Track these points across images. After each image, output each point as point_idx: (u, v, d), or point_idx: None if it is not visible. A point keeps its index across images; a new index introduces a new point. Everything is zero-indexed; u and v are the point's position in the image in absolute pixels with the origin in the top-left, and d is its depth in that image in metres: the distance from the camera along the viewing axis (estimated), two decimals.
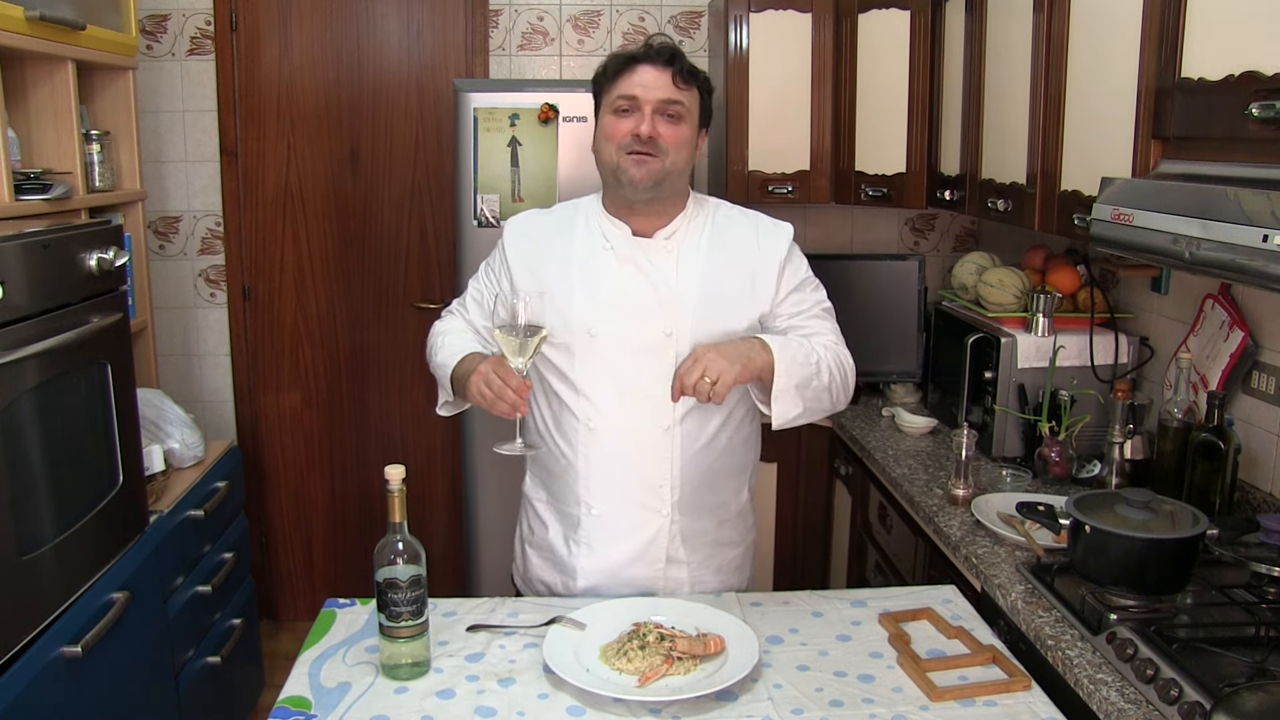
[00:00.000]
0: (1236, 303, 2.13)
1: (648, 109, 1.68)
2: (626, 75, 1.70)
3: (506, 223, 1.89)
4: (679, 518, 1.79)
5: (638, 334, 1.74)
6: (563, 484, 1.82)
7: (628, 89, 1.69)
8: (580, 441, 1.77)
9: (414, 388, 3.57)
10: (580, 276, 1.76)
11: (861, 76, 3.01)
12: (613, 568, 1.80)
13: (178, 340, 3.50)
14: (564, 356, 1.76)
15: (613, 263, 1.76)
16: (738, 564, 1.92)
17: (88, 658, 1.93)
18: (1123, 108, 1.86)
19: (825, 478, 3.06)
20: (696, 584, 1.85)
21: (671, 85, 1.69)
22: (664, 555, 1.80)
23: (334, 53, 3.37)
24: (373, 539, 1.60)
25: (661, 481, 1.77)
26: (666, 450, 1.76)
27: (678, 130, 1.70)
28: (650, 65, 1.69)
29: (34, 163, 2.40)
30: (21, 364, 1.83)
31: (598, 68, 1.77)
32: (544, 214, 1.89)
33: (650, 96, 1.68)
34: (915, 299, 3.04)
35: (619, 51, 1.75)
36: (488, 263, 1.92)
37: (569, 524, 1.83)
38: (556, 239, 1.82)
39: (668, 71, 1.68)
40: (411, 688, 1.46)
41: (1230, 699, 1.26)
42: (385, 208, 3.47)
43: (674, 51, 1.70)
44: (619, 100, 1.70)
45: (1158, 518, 1.61)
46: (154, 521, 2.36)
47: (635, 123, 1.69)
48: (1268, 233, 1.33)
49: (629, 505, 1.78)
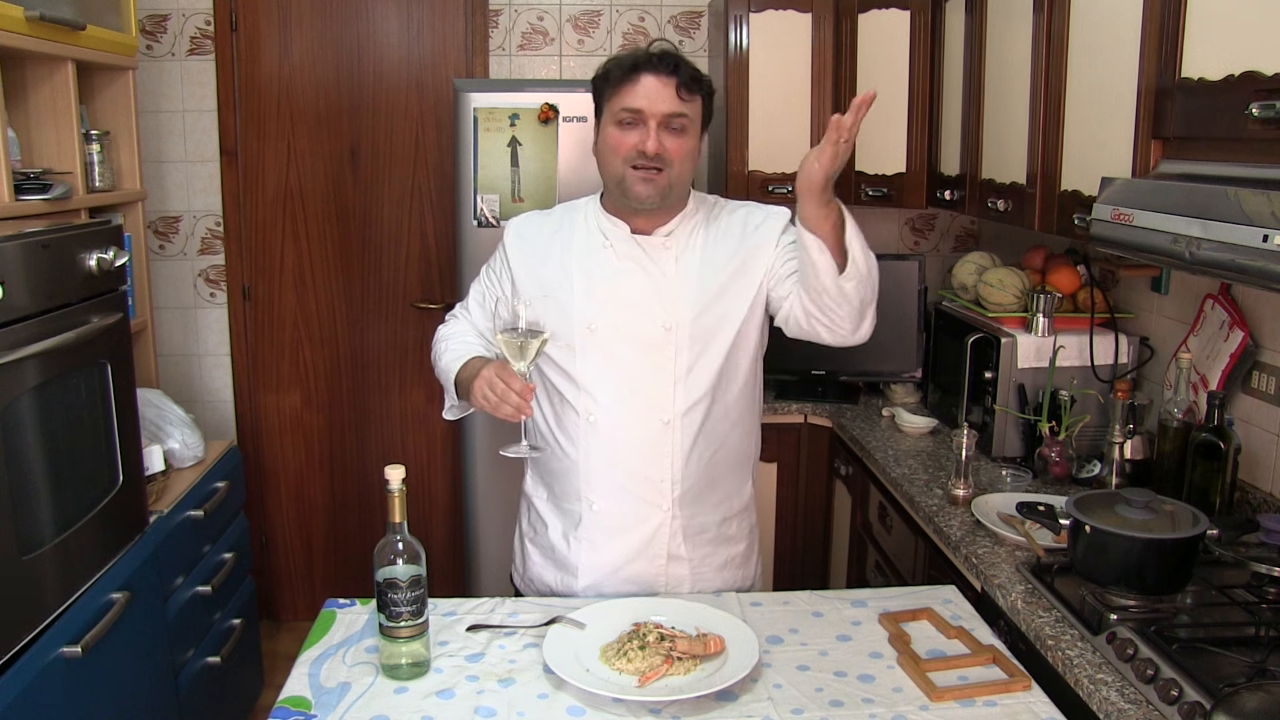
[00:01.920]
0: (1236, 303, 2.13)
1: (653, 123, 1.67)
2: (630, 85, 1.68)
3: (506, 224, 1.90)
4: (680, 513, 1.80)
5: (637, 328, 1.74)
6: (564, 480, 1.82)
7: (631, 100, 1.68)
8: (581, 437, 1.77)
9: (414, 388, 3.57)
10: (580, 274, 1.77)
11: (861, 76, 3.01)
12: (613, 564, 1.81)
13: (178, 340, 3.50)
14: (564, 353, 1.76)
15: (612, 259, 1.77)
16: (740, 561, 1.92)
17: (88, 658, 1.93)
18: (1123, 108, 1.86)
19: (825, 478, 3.06)
20: (698, 581, 1.85)
21: (675, 97, 1.67)
22: (665, 552, 1.81)
23: (334, 53, 3.37)
24: (373, 539, 1.60)
25: (662, 476, 1.77)
26: (667, 445, 1.76)
27: (682, 142, 1.70)
28: (654, 75, 1.67)
29: (34, 163, 2.40)
30: (21, 364, 1.83)
31: (599, 69, 1.76)
32: (543, 215, 1.90)
33: (655, 110, 1.67)
34: (915, 299, 3.03)
35: (621, 56, 1.73)
36: (489, 265, 1.92)
37: (570, 521, 1.83)
38: (556, 239, 1.83)
39: (672, 82, 1.67)
40: (411, 688, 1.46)
41: (1230, 699, 1.26)
42: (385, 208, 3.47)
43: (677, 60, 1.68)
44: (622, 113, 1.69)
45: (1158, 518, 1.61)
46: (154, 521, 2.36)
47: (640, 137, 1.68)
48: (1268, 233, 1.33)
49: (630, 501, 1.78)
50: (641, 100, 1.67)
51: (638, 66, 1.67)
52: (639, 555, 1.80)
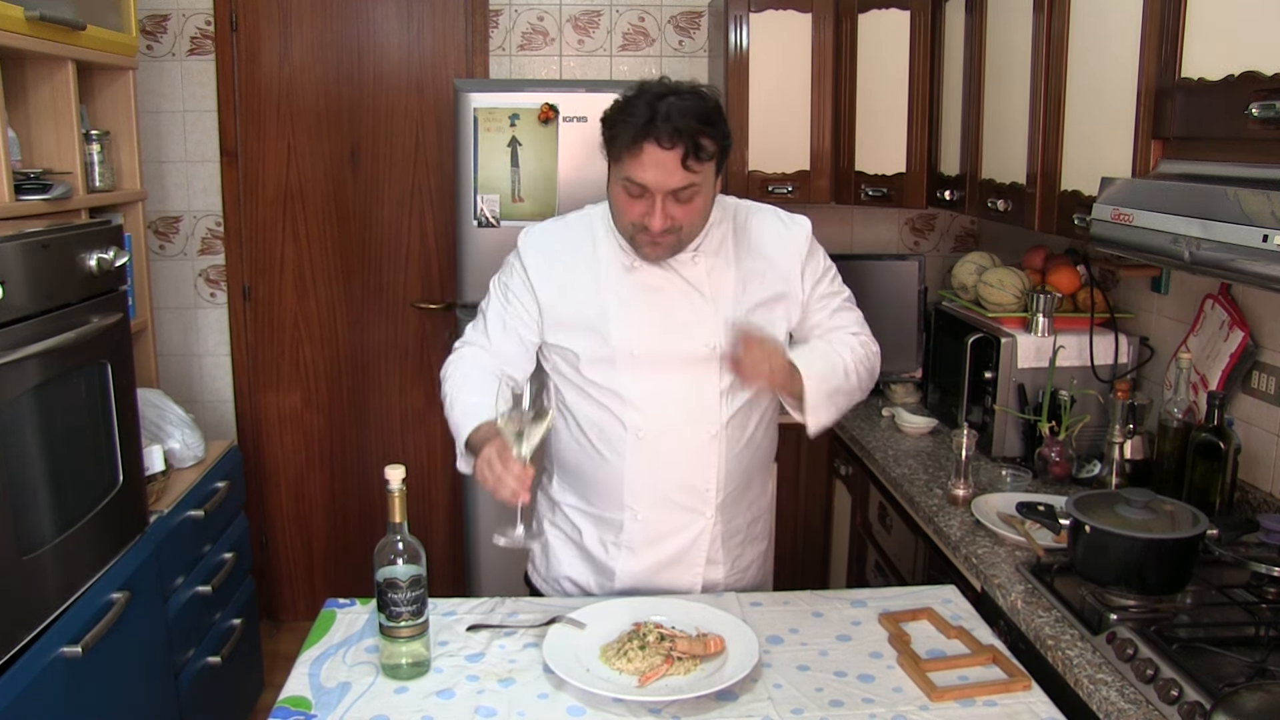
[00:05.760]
0: (1236, 303, 2.13)
1: (659, 198, 1.59)
2: (634, 156, 1.57)
3: (522, 236, 1.81)
4: (720, 518, 1.80)
5: (681, 350, 1.72)
6: (605, 490, 1.79)
7: (635, 173, 1.58)
8: (628, 450, 1.74)
9: (414, 388, 3.57)
10: (613, 298, 1.72)
11: (861, 76, 3.01)
12: (653, 569, 1.80)
13: (178, 340, 3.50)
14: (606, 370, 1.73)
15: (645, 282, 1.73)
16: (763, 560, 1.95)
17: (88, 658, 1.93)
18: (1123, 108, 1.86)
19: (825, 478, 3.06)
20: (732, 585, 1.85)
21: (681, 170, 1.57)
22: (704, 557, 1.81)
23: (334, 53, 3.37)
24: (373, 539, 1.60)
25: (707, 485, 1.77)
26: (713, 455, 1.75)
27: (691, 207, 1.62)
28: (658, 147, 1.55)
29: (34, 163, 2.40)
30: (21, 364, 1.83)
31: (608, 110, 1.63)
32: (559, 224, 1.82)
33: (661, 187, 1.58)
34: (915, 299, 3.04)
35: (629, 108, 1.58)
36: (505, 283, 1.81)
37: (608, 528, 1.81)
38: (580, 253, 1.76)
39: (678, 154, 1.55)
40: (411, 688, 1.46)
41: (1230, 699, 1.26)
42: (385, 208, 3.47)
43: (684, 131, 1.55)
44: (628, 182, 1.60)
45: (1158, 518, 1.61)
46: (154, 521, 2.36)
47: (645, 209, 1.60)
48: (1268, 233, 1.33)
49: (674, 510, 1.78)
50: (647, 175, 1.57)
51: (646, 135, 1.55)
52: (678, 561, 1.80)
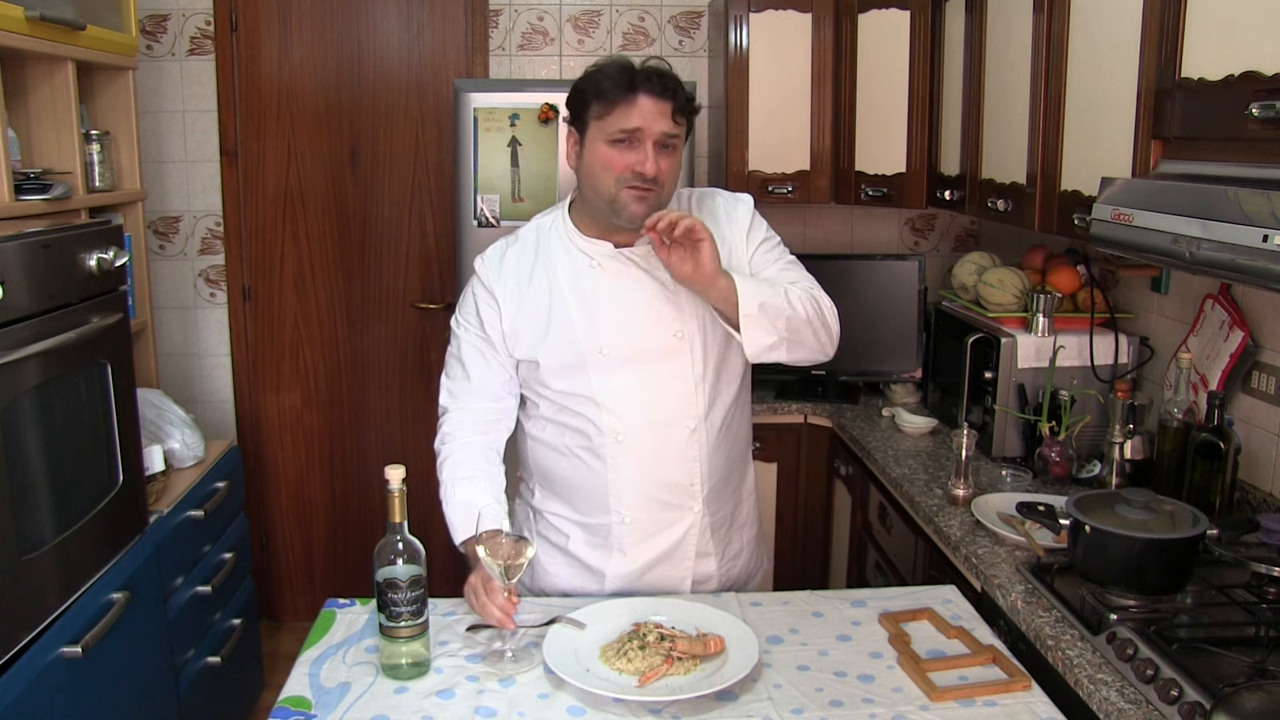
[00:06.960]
0: (1236, 303, 2.13)
1: (649, 143, 1.62)
2: (626, 104, 1.62)
3: (476, 262, 1.81)
4: (706, 511, 1.81)
5: (648, 342, 1.73)
6: (590, 496, 1.79)
7: (628, 120, 1.62)
8: (609, 454, 1.75)
9: (414, 388, 3.57)
10: (575, 300, 1.74)
11: (861, 76, 3.01)
12: (644, 568, 1.81)
13: (178, 340, 3.50)
14: (577, 377, 1.73)
15: (604, 278, 1.74)
16: (753, 547, 1.95)
17: (88, 658, 1.93)
18: (1123, 108, 1.86)
19: (825, 478, 3.06)
20: (725, 576, 1.86)
21: (670, 119, 1.63)
22: (694, 551, 1.81)
23: (334, 53, 3.37)
24: (373, 539, 1.60)
25: (692, 481, 1.78)
26: (695, 449, 1.76)
27: (673, 161, 1.67)
28: (651, 96, 1.62)
29: (34, 163, 2.40)
30: (21, 364, 1.83)
31: (581, 80, 1.68)
32: (511, 243, 1.82)
33: (654, 130, 1.62)
34: (915, 299, 3.04)
35: (608, 68, 1.65)
36: (466, 315, 1.82)
37: (596, 533, 1.81)
38: (536, 264, 1.77)
39: (669, 105, 1.63)
40: (411, 688, 1.46)
41: (1230, 699, 1.26)
42: (385, 208, 3.47)
43: (675, 84, 1.64)
44: (618, 132, 1.63)
45: (1158, 518, 1.61)
46: (154, 521, 2.36)
47: (637, 157, 1.63)
48: (1268, 233, 1.33)
49: (661, 508, 1.78)
50: (639, 120, 1.62)
51: (635, 86, 1.62)
52: (668, 558, 1.81)
